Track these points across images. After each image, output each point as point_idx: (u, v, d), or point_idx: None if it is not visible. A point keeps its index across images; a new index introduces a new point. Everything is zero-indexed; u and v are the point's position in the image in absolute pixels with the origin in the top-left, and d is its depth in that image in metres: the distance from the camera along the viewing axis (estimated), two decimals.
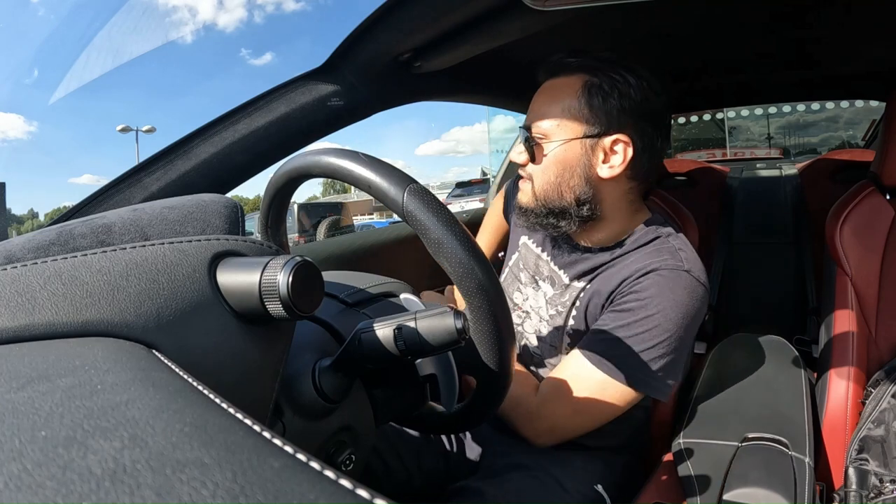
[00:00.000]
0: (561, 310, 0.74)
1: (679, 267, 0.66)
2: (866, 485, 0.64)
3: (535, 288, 0.79)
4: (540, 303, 0.78)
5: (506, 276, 0.88)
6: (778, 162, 1.95)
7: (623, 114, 0.66)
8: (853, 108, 4.02)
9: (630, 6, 0.72)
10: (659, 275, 0.65)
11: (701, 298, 0.66)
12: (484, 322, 0.40)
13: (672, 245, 0.69)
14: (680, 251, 0.68)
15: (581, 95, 0.66)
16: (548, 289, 0.77)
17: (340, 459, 0.42)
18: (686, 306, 0.64)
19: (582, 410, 0.65)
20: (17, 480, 0.13)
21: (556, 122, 0.68)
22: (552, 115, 0.68)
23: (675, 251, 0.68)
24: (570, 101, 0.67)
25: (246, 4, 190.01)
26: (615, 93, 0.65)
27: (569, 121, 0.67)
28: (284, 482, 0.14)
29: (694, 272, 0.66)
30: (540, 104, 0.70)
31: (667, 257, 0.67)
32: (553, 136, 0.68)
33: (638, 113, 0.66)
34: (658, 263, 0.66)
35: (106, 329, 0.25)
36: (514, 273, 0.85)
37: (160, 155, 0.75)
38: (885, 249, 0.85)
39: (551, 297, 0.76)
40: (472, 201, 8.48)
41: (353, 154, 0.39)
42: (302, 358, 0.41)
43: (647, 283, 0.65)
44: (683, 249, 0.69)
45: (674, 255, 0.68)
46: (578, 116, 0.66)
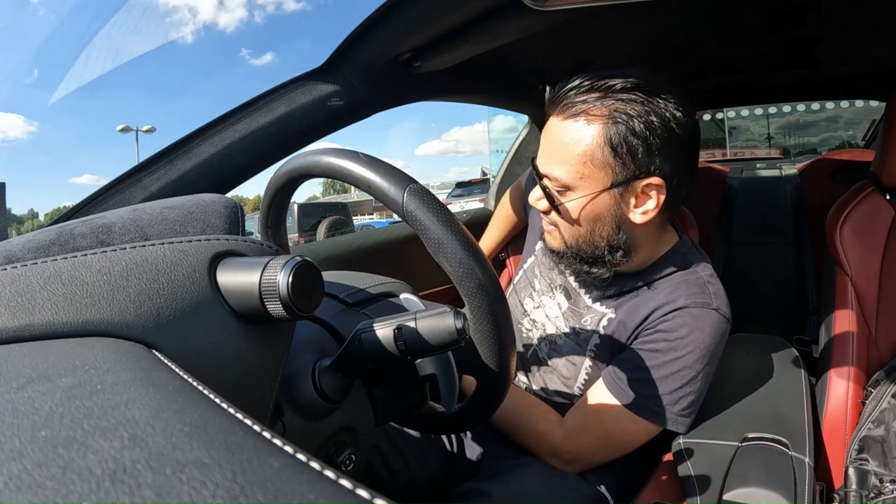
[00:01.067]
0: (581, 331, 0.72)
1: (708, 305, 0.64)
2: (866, 485, 0.64)
3: (552, 297, 0.78)
4: (556, 313, 0.76)
5: (519, 278, 0.86)
6: (778, 162, 1.94)
7: (651, 154, 0.60)
8: (853, 108, 4.03)
9: (630, 6, 0.72)
10: (689, 313, 0.64)
11: (725, 334, 0.66)
12: (484, 322, 0.40)
13: (701, 277, 0.67)
14: (709, 284, 0.67)
15: (604, 144, 0.59)
16: (562, 300, 0.76)
17: (340, 459, 0.42)
18: (713, 346, 0.64)
19: (607, 445, 0.66)
20: (17, 480, 0.13)
21: (579, 175, 0.61)
22: (573, 166, 0.61)
23: (703, 285, 0.66)
24: (591, 150, 0.60)
25: (246, 4, 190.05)
26: (640, 134, 0.59)
27: (593, 172, 0.61)
28: (284, 482, 0.14)
29: (722, 310, 0.65)
30: (555, 150, 0.63)
31: (696, 291, 0.65)
32: (577, 188, 0.62)
33: (667, 147, 0.60)
34: (687, 300, 0.64)
35: (106, 329, 0.25)
36: (528, 278, 0.84)
37: (160, 155, 0.75)
38: (885, 249, 0.85)
39: (567, 311, 0.75)
40: (472, 201, 8.48)
41: (353, 154, 0.39)
42: (302, 358, 0.41)
43: (676, 323, 0.64)
44: (712, 282, 0.67)
45: (703, 291, 0.65)
46: (604, 166, 0.60)
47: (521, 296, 0.84)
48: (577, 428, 0.68)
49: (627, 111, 0.59)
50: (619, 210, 0.63)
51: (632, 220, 0.63)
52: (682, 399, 0.64)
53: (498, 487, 0.64)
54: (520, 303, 0.83)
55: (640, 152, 0.60)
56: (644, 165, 0.60)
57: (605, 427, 0.66)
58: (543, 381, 0.77)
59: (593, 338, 0.71)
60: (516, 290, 0.86)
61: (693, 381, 0.63)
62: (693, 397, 0.64)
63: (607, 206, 0.63)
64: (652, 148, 0.60)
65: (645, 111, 0.59)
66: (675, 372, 0.63)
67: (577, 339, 0.73)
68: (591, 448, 0.67)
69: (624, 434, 0.66)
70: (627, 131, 0.59)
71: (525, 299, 0.82)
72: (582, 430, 0.67)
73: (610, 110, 0.59)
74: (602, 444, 0.67)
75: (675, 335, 0.63)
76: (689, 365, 0.63)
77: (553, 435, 0.69)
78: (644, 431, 0.65)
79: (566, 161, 0.62)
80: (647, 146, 0.59)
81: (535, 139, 1.51)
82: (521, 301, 0.83)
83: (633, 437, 0.66)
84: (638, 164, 0.60)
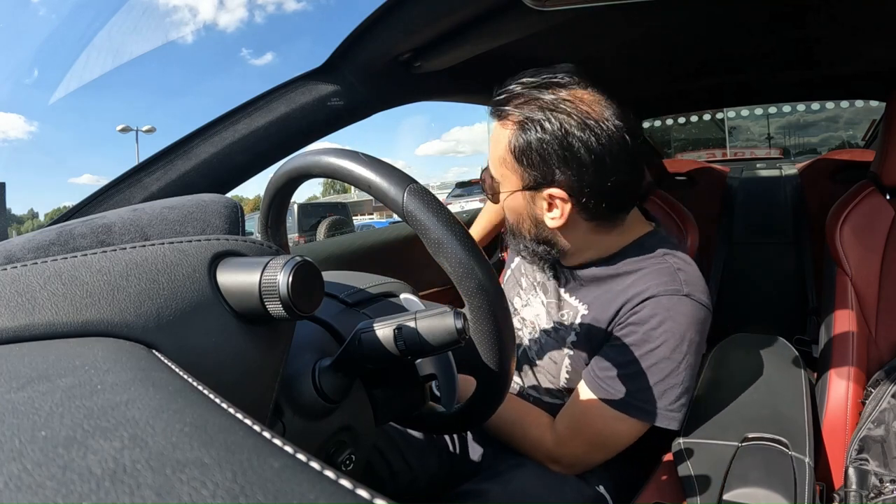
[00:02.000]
0: (560, 327, 0.73)
1: (678, 291, 0.63)
2: (866, 485, 0.64)
3: (535, 294, 0.79)
4: (539, 310, 0.77)
5: (507, 278, 0.87)
6: (778, 162, 1.94)
7: (549, 167, 0.61)
8: (853, 108, 4.02)
9: (630, 6, 0.72)
10: (658, 302, 0.63)
11: (703, 321, 0.64)
12: (484, 322, 0.40)
13: (670, 265, 0.66)
14: (679, 272, 0.65)
15: (508, 149, 0.63)
16: (543, 297, 0.77)
17: (340, 459, 0.42)
18: (690, 334, 0.62)
19: (598, 445, 0.66)
20: (17, 480, 0.13)
21: (500, 173, 0.67)
22: (494, 165, 0.67)
23: (673, 272, 0.65)
24: (503, 154, 0.64)
25: (247, 4, 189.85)
26: (538, 148, 0.61)
27: (507, 173, 0.66)
28: (284, 482, 0.14)
29: (694, 295, 0.64)
30: (490, 147, 0.69)
31: (665, 280, 0.64)
32: (500, 184, 0.68)
33: (567, 163, 0.61)
34: (656, 289, 0.63)
35: (106, 329, 0.25)
36: (515, 277, 0.85)
37: (160, 155, 0.75)
38: (885, 249, 0.85)
39: (548, 306, 0.76)
40: (472, 201, 8.48)
41: (353, 154, 0.39)
42: (302, 358, 0.41)
43: (646, 314, 0.63)
44: (682, 269, 0.66)
45: (673, 278, 0.64)
46: (512, 169, 0.65)
47: (509, 295, 0.84)
48: (568, 432, 0.68)
49: (536, 120, 0.61)
50: (533, 210, 0.66)
51: (547, 224, 0.66)
52: (666, 392, 0.62)
53: (497, 487, 0.64)
54: (510, 302, 0.83)
55: (538, 164, 0.62)
56: (544, 177, 0.63)
57: (593, 428, 0.65)
58: (535, 380, 0.77)
59: (570, 335, 0.71)
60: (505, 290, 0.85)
61: (674, 372, 0.62)
62: (678, 390, 0.62)
63: (523, 206, 0.67)
64: (549, 162, 0.61)
65: (550, 125, 0.60)
66: (654, 364, 0.62)
67: (556, 335, 0.73)
68: (585, 450, 0.67)
69: (613, 434, 0.64)
70: (526, 143, 0.62)
71: (514, 298, 0.83)
72: (573, 434, 0.67)
73: (522, 118, 0.62)
74: (594, 446, 0.66)
75: (647, 326, 0.62)
76: (667, 356, 0.62)
77: (546, 441, 0.69)
78: (633, 429, 0.64)
79: (492, 159, 0.68)
80: (543, 159, 0.61)
81: None
82: (511, 300, 0.83)
83: (622, 437, 0.64)
84: (538, 175, 0.63)
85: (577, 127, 0.60)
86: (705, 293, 0.65)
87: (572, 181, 0.61)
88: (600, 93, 0.64)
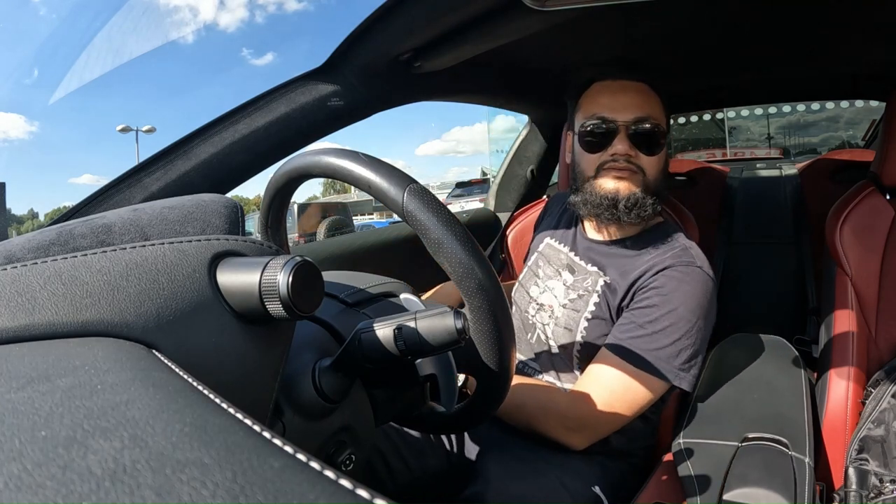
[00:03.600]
0: (582, 293, 0.79)
1: (692, 263, 0.73)
2: (866, 485, 0.64)
3: (558, 278, 0.85)
4: (559, 290, 0.83)
5: (524, 275, 0.93)
6: (778, 162, 1.94)
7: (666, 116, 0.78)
8: (853, 108, 4.03)
9: (630, 6, 0.72)
10: (675, 270, 0.72)
11: (712, 290, 0.73)
12: (484, 322, 0.40)
13: (682, 244, 0.77)
14: (689, 249, 0.76)
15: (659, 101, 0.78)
16: (568, 277, 0.83)
17: (340, 459, 0.42)
18: (703, 300, 0.71)
19: (614, 404, 0.68)
20: (17, 480, 0.13)
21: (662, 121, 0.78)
22: (658, 113, 0.78)
23: (685, 249, 0.76)
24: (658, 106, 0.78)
25: (247, 4, 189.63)
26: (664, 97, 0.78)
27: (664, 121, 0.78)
28: (284, 482, 0.14)
29: (704, 267, 0.73)
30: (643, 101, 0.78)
31: (678, 253, 0.74)
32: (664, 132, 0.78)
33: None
34: (671, 260, 0.73)
35: (106, 329, 0.25)
36: (532, 270, 0.91)
37: (160, 155, 0.74)
38: (885, 249, 0.85)
39: (572, 283, 0.82)
40: (472, 201, 8.48)
41: (353, 154, 0.39)
42: (302, 358, 0.41)
43: (664, 280, 0.71)
44: (691, 248, 0.76)
45: (685, 252, 0.75)
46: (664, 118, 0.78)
47: (527, 287, 0.90)
48: (582, 394, 0.69)
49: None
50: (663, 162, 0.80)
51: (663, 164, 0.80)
52: (681, 352, 0.67)
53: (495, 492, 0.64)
54: (526, 293, 0.89)
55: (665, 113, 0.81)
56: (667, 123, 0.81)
57: (608, 389, 0.68)
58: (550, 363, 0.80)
59: (592, 298, 0.77)
60: (522, 284, 0.92)
61: (689, 333, 0.69)
62: (691, 350, 0.68)
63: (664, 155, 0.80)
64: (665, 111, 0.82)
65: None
66: (672, 324, 0.68)
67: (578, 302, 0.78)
68: (597, 413, 0.68)
69: (628, 392, 0.68)
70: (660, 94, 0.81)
71: (531, 288, 0.88)
72: (586, 395, 0.69)
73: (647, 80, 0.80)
74: (608, 406, 0.68)
75: (667, 289, 0.71)
76: (684, 316, 0.69)
77: (558, 402, 0.71)
78: (648, 389, 0.67)
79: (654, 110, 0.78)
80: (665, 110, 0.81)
81: (535, 139, 1.51)
82: (528, 291, 0.89)
83: (637, 396, 0.68)
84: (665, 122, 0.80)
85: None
86: (711, 268, 0.75)
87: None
88: None
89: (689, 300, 0.70)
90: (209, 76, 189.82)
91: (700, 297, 0.71)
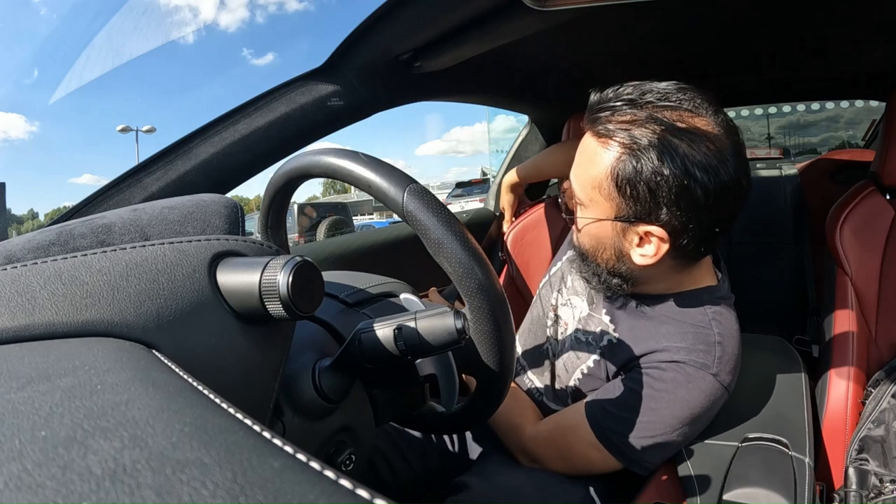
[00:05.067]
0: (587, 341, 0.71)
1: (707, 368, 0.60)
2: (866, 485, 0.64)
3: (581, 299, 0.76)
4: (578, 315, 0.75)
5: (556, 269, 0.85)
6: (778, 162, 1.94)
7: (657, 205, 0.54)
8: (853, 108, 4.03)
9: (630, 6, 0.72)
10: (682, 369, 0.60)
11: (717, 401, 0.62)
12: (484, 322, 0.40)
13: (713, 335, 0.62)
14: (717, 345, 0.61)
15: (610, 174, 0.56)
16: (584, 306, 0.75)
17: (340, 459, 0.42)
18: (698, 410, 0.60)
19: (566, 460, 0.66)
20: (17, 480, 0.13)
21: (588, 197, 0.60)
22: (584, 186, 0.60)
23: (711, 345, 0.61)
24: (600, 178, 0.57)
25: (248, 4, 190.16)
26: (649, 180, 0.53)
27: (600, 199, 0.58)
28: (284, 482, 0.14)
29: (721, 376, 0.61)
30: (577, 163, 0.62)
31: (700, 349, 0.61)
32: (586, 206, 0.61)
33: (677, 204, 0.54)
34: (687, 355, 0.61)
35: (106, 329, 0.25)
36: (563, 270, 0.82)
37: (160, 155, 0.75)
38: (885, 249, 0.85)
39: (584, 318, 0.74)
40: (472, 201, 8.48)
41: (353, 154, 0.39)
42: (302, 358, 0.41)
43: (668, 375, 0.61)
44: (722, 343, 0.62)
45: (708, 351, 0.61)
46: (609, 198, 0.57)
47: (553, 286, 0.82)
48: (544, 435, 0.69)
49: (644, 148, 0.53)
50: (621, 243, 0.60)
51: (632, 259, 0.60)
52: (652, 447, 0.61)
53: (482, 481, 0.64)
54: (551, 292, 0.82)
55: (643, 197, 0.55)
56: (646, 212, 0.56)
57: (567, 443, 0.66)
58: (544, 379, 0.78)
59: (595, 353, 0.70)
60: (550, 281, 0.84)
61: (665, 434, 0.61)
62: (662, 450, 0.62)
63: (609, 235, 0.61)
64: (658, 198, 0.54)
65: (669, 158, 0.52)
66: (650, 421, 0.61)
67: (579, 346, 0.73)
68: (550, 458, 0.67)
69: (583, 458, 0.64)
70: (636, 173, 0.54)
71: (554, 293, 0.81)
72: (548, 439, 0.68)
73: (632, 142, 0.54)
74: (560, 458, 0.67)
75: (659, 386, 0.61)
76: (665, 420, 0.60)
77: (523, 432, 0.70)
78: (603, 461, 0.63)
79: (580, 179, 0.61)
80: (652, 194, 0.54)
81: (535, 139, 1.51)
82: (553, 292, 0.82)
83: (591, 463, 0.64)
84: (639, 209, 0.56)
85: (699, 165, 0.52)
86: (732, 373, 0.62)
87: (677, 222, 0.55)
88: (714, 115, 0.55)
89: (679, 407, 0.60)
90: (209, 76, 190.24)
91: (695, 406, 0.60)
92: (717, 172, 0.53)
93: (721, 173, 0.53)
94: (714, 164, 0.53)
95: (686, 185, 0.53)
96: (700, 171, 0.52)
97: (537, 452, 0.69)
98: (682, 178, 0.52)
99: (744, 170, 0.56)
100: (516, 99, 1.34)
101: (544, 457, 0.68)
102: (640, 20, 0.92)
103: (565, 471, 0.67)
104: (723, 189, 0.54)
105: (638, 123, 0.54)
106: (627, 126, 0.55)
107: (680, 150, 0.52)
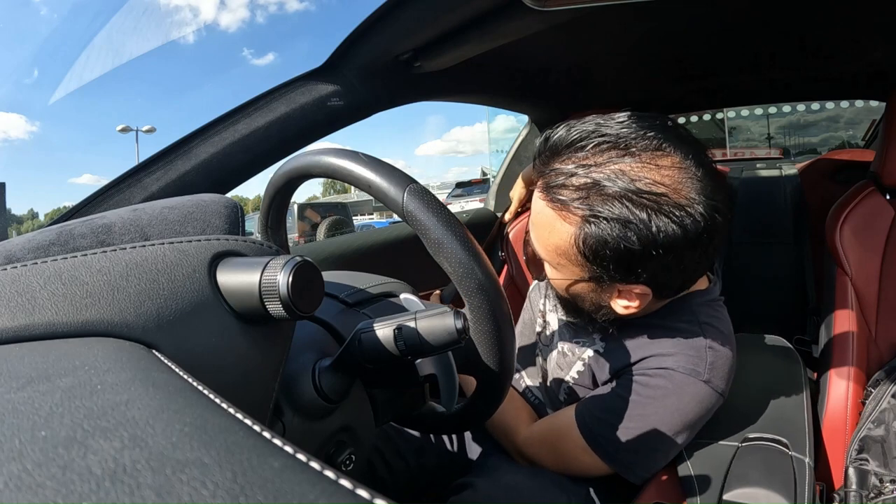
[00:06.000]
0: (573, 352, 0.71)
1: (697, 374, 0.59)
2: (866, 485, 0.64)
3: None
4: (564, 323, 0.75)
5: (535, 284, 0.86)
6: (778, 162, 1.94)
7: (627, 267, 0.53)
8: (853, 108, 4.03)
9: (630, 6, 0.72)
10: (672, 377, 0.59)
11: (711, 407, 0.60)
12: (484, 322, 0.40)
13: (703, 342, 0.60)
14: (709, 350, 0.60)
15: (574, 244, 0.53)
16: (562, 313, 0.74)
17: (340, 459, 0.42)
18: (690, 416, 0.59)
19: (559, 462, 0.67)
20: (17, 480, 0.13)
21: (555, 261, 0.58)
22: (549, 249, 0.57)
23: (702, 351, 0.60)
24: (564, 245, 0.54)
25: (248, 4, 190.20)
26: (613, 245, 0.51)
27: (567, 264, 0.56)
28: (284, 482, 0.14)
29: (713, 382, 0.59)
30: (535, 225, 0.59)
31: (691, 356, 0.60)
32: (554, 268, 0.59)
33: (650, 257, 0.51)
34: (676, 362, 0.59)
35: (106, 329, 0.25)
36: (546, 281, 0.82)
37: (160, 155, 0.75)
38: (885, 249, 0.85)
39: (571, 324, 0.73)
40: (472, 201, 8.49)
41: (353, 154, 0.39)
42: (302, 358, 0.41)
43: (657, 382, 0.60)
44: (713, 347, 0.60)
45: (698, 357, 0.59)
46: (576, 262, 0.55)
47: (541, 291, 0.82)
48: (539, 437, 0.69)
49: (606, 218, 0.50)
50: (599, 298, 0.59)
51: (614, 309, 0.59)
52: (642, 454, 0.61)
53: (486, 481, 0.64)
54: (539, 297, 0.82)
55: (614, 264, 0.53)
56: (621, 276, 0.54)
57: (561, 446, 0.66)
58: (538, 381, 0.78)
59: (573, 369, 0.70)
60: (538, 286, 0.84)
61: (655, 441, 0.60)
62: (654, 458, 0.62)
63: (586, 292, 0.59)
64: (630, 262, 0.52)
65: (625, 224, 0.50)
66: (638, 427, 0.60)
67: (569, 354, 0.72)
68: (545, 460, 0.68)
69: (576, 461, 0.64)
70: (600, 243, 0.51)
71: (542, 298, 0.81)
72: (541, 442, 0.68)
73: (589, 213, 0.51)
74: (555, 462, 0.67)
75: (649, 393, 0.60)
76: (655, 427, 0.59)
77: (518, 434, 0.70)
78: (595, 465, 0.63)
79: (542, 244, 0.58)
80: (622, 260, 0.52)
81: (535, 139, 1.51)
82: (541, 297, 0.82)
83: (584, 467, 0.64)
84: (613, 273, 0.54)
85: (665, 217, 0.49)
86: (726, 378, 0.61)
87: (656, 274, 0.54)
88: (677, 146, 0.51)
89: (669, 414, 0.59)
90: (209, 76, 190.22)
91: (688, 414, 0.59)
92: (686, 219, 0.50)
93: (692, 217, 0.50)
94: (682, 214, 0.50)
95: (656, 242, 0.50)
96: (665, 219, 0.49)
97: (532, 454, 0.69)
98: (650, 237, 0.50)
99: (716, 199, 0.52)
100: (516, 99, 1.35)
101: (540, 459, 0.69)
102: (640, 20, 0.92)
103: (562, 472, 0.67)
104: (697, 230, 0.51)
105: (595, 191, 0.51)
106: (584, 194, 0.51)
107: (644, 210, 0.49)
